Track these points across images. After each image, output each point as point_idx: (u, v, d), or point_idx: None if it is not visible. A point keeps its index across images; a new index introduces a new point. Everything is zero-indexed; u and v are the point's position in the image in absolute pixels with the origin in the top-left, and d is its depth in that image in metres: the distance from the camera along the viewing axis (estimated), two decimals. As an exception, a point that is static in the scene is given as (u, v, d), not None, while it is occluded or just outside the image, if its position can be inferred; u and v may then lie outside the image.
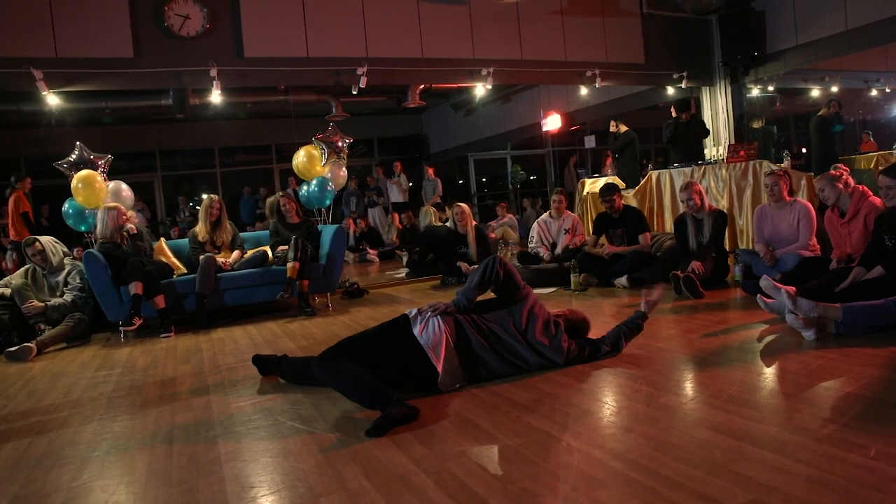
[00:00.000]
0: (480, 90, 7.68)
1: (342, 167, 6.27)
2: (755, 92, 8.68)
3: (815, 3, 7.28)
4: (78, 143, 5.43)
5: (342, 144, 6.17)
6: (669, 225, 6.53)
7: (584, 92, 8.16)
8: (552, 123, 9.24)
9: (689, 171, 6.63)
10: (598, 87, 7.68)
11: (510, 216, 10.22)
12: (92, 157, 5.37)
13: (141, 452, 2.34)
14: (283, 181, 12.48)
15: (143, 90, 7.62)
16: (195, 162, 13.31)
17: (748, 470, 1.75)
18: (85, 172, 5.24)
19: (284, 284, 5.08)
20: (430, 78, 7.54)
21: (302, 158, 6.12)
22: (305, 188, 6.19)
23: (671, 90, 8.53)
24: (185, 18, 5.78)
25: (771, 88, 9.10)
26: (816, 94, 9.92)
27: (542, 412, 2.37)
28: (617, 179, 7.73)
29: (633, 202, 6.86)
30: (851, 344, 2.92)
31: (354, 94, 6.76)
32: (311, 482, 1.94)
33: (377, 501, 1.78)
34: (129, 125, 11.57)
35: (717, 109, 8.45)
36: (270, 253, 5.45)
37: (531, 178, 14.02)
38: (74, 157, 5.34)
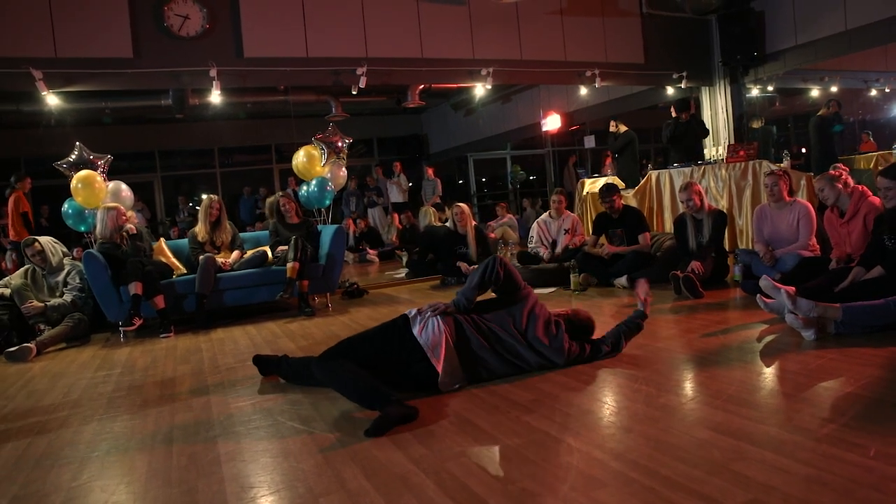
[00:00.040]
0: (480, 90, 7.68)
1: (342, 167, 6.27)
2: (755, 92, 8.68)
3: (814, 3, 7.28)
4: (77, 143, 5.43)
5: (342, 144, 6.17)
6: (669, 225, 6.53)
7: (583, 92, 8.16)
8: (552, 123, 9.25)
9: (688, 171, 6.64)
10: (597, 87, 7.68)
11: (510, 216, 10.22)
12: (91, 157, 5.37)
13: (141, 452, 2.34)
14: (282, 181, 12.48)
15: (142, 90, 7.63)
16: (195, 162, 13.31)
17: (747, 469, 1.76)
18: (84, 173, 5.24)
19: (284, 285, 5.08)
20: (429, 78, 7.54)
21: (302, 158, 6.12)
22: (305, 188, 6.19)
23: (671, 90, 8.53)
24: (184, 18, 5.77)
25: (770, 88, 9.11)
26: (816, 94, 9.92)
27: (541, 412, 2.37)
28: (616, 179, 7.74)
29: (632, 202, 6.86)
30: (851, 344, 2.92)
31: (354, 94, 6.76)
32: (310, 482, 1.95)
33: (377, 501, 1.78)
34: (128, 125, 11.57)
35: (716, 109, 8.45)
36: (270, 253, 5.45)
37: (531, 178, 14.02)
38: (74, 157, 5.34)
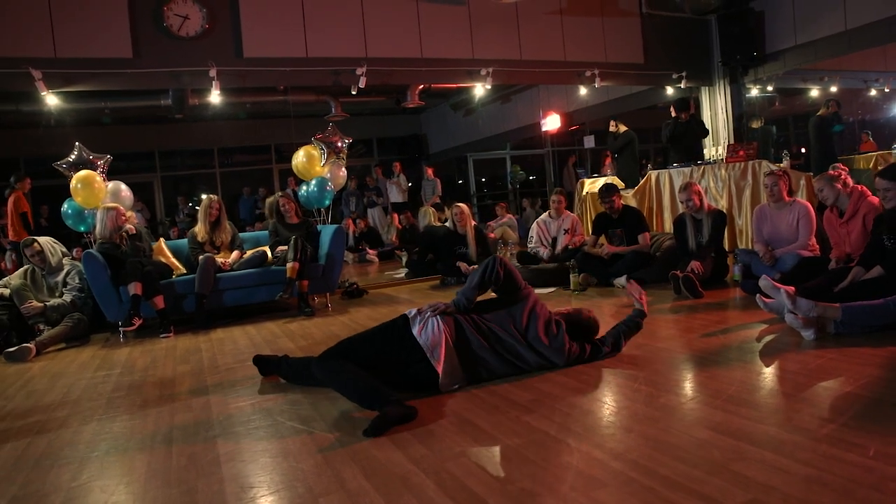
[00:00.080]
0: (480, 90, 7.68)
1: (341, 167, 6.27)
2: (754, 92, 8.68)
3: (814, 3, 7.28)
4: (77, 143, 5.43)
5: (341, 144, 6.17)
6: (669, 225, 6.53)
7: (583, 92, 8.15)
8: (551, 123, 9.26)
9: (688, 171, 6.64)
10: (597, 87, 7.68)
11: (509, 216, 10.23)
12: (91, 157, 5.37)
13: (140, 453, 2.34)
14: (282, 181, 12.47)
15: (142, 90, 7.63)
16: (194, 162, 13.31)
17: (747, 469, 1.75)
18: (84, 173, 5.24)
19: (284, 285, 5.08)
20: (429, 78, 7.54)
21: (301, 159, 6.12)
22: (305, 188, 6.19)
23: (670, 90, 8.53)
24: (184, 19, 5.77)
25: (770, 88, 9.11)
26: (815, 94, 9.93)
27: (541, 412, 2.37)
28: (616, 179, 7.74)
29: (632, 202, 6.86)
30: (850, 344, 2.92)
31: (354, 94, 6.75)
32: (310, 482, 1.95)
33: (376, 501, 1.78)
34: (128, 125, 11.56)
35: (716, 109, 8.45)
36: (270, 253, 5.45)
37: (530, 178, 14.02)
38: (73, 157, 5.34)
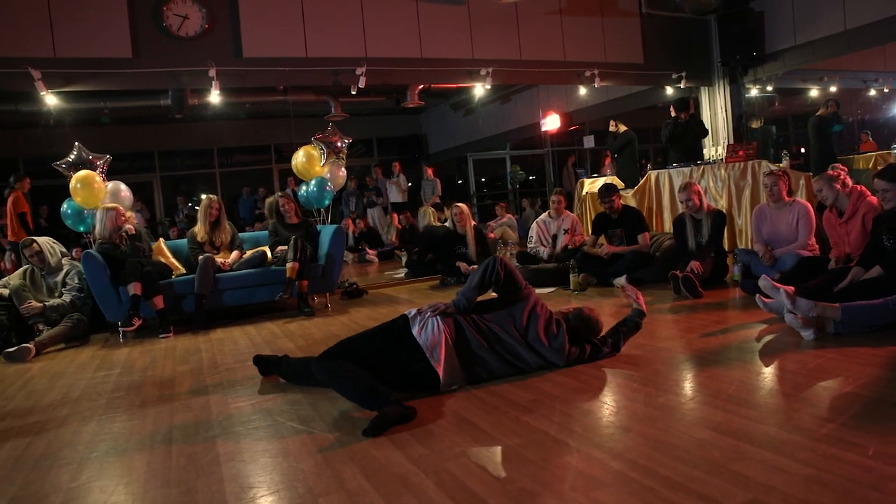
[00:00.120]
0: (479, 90, 7.68)
1: (341, 167, 6.27)
2: (754, 92, 8.69)
3: (813, 3, 7.29)
4: (76, 143, 5.42)
5: (341, 144, 6.17)
6: (668, 225, 6.53)
7: (583, 92, 8.15)
8: (551, 123, 9.26)
9: (687, 171, 6.64)
10: (596, 87, 7.68)
11: (509, 216, 10.23)
12: (90, 157, 5.37)
13: (140, 453, 2.34)
14: (282, 181, 12.47)
15: (141, 90, 7.62)
16: (194, 162, 13.30)
17: (747, 469, 1.75)
18: (83, 173, 5.24)
19: (284, 285, 5.08)
20: (429, 78, 7.54)
21: (301, 159, 6.12)
22: (304, 188, 6.19)
23: (670, 90, 8.53)
24: (183, 18, 5.77)
25: (770, 88, 9.12)
26: (815, 94, 9.94)
27: (541, 412, 2.37)
28: (616, 179, 7.74)
29: (632, 202, 6.87)
30: (850, 343, 2.92)
31: (353, 94, 6.75)
32: (309, 482, 1.94)
33: (376, 501, 1.78)
34: (127, 125, 11.55)
35: (715, 109, 8.45)
36: (269, 253, 5.45)
37: (530, 178, 14.02)
38: (73, 157, 5.34)
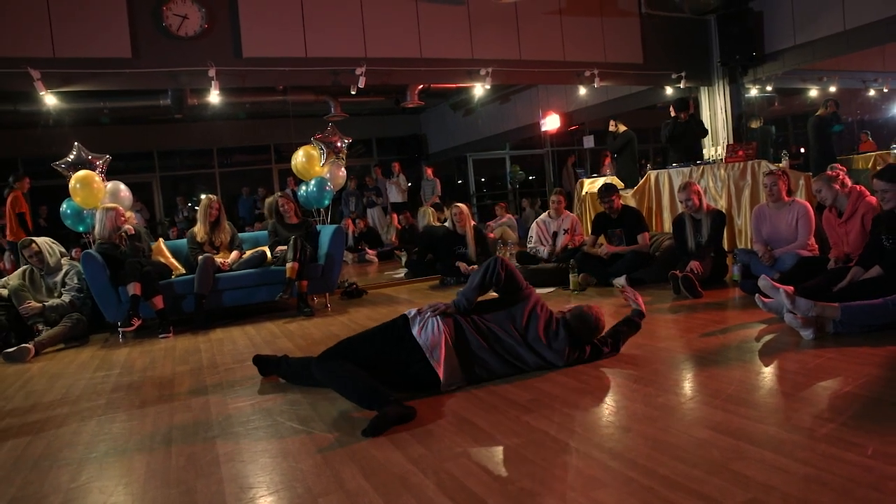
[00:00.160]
0: (479, 90, 7.68)
1: (341, 167, 6.27)
2: (753, 92, 8.69)
3: (813, 3, 7.29)
4: (76, 143, 5.42)
5: (341, 144, 6.16)
6: (668, 225, 6.53)
7: (582, 92, 8.15)
8: (551, 123, 9.25)
9: (687, 171, 6.64)
10: (596, 87, 7.68)
11: (509, 216, 10.23)
12: (90, 157, 5.36)
13: (139, 453, 2.34)
14: (281, 181, 12.46)
15: (141, 90, 7.61)
16: (193, 162, 13.29)
17: (746, 469, 1.76)
18: (83, 173, 5.23)
19: (283, 285, 5.08)
20: (428, 78, 7.53)
21: (301, 159, 6.12)
22: (304, 188, 6.19)
23: (670, 90, 8.53)
24: (183, 18, 5.77)
25: (769, 88, 9.12)
26: (814, 94, 9.94)
27: (540, 412, 2.37)
28: (615, 179, 7.74)
29: (631, 202, 6.86)
30: (849, 343, 2.92)
31: (353, 94, 6.75)
32: (309, 482, 1.94)
33: (375, 502, 1.78)
34: (127, 125, 11.54)
35: (715, 109, 8.45)
36: (269, 253, 5.45)
37: (530, 178, 14.02)
38: (72, 157, 5.33)
